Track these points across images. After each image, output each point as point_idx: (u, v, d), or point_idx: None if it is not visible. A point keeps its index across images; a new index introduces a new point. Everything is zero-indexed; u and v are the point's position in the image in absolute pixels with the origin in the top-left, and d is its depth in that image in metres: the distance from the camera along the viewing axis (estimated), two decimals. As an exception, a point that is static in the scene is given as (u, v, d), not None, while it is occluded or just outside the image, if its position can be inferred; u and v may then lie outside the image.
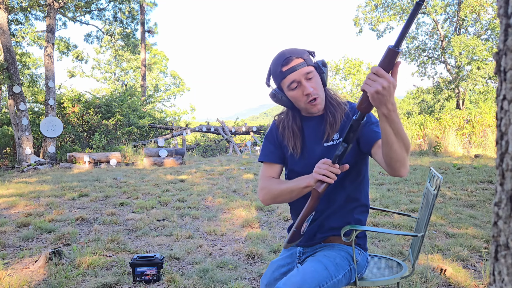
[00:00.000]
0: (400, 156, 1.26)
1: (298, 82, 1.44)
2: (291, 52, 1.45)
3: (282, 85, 1.48)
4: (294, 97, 1.47)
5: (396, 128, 1.21)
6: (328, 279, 1.36)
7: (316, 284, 1.31)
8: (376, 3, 22.20)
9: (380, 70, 1.13)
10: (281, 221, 4.12)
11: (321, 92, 1.48)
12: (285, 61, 1.44)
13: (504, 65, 0.56)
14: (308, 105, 1.47)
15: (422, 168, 7.30)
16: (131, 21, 18.08)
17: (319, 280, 1.32)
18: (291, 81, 1.43)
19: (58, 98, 13.90)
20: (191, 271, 2.76)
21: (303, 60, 1.43)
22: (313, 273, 1.34)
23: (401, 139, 1.23)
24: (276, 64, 1.47)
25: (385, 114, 1.17)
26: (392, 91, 1.14)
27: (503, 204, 0.56)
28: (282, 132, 1.59)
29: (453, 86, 21.06)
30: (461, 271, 2.55)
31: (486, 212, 4.16)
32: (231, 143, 14.95)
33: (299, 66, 1.42)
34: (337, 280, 1.40)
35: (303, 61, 1.43)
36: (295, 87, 1.45)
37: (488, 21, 20.22)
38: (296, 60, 1.43)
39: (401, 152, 1.25)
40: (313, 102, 1.46)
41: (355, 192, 1.55)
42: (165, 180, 7.16)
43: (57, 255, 2.92)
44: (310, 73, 1.43)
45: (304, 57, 1.44)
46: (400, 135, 1.23)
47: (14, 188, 6.44)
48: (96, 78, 34.86)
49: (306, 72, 1.42)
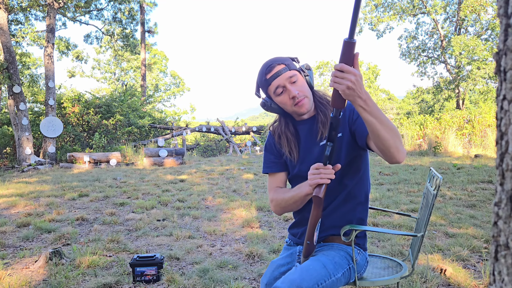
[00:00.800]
0: (390, 142, 1.27)
1: (283, 87, 1.48)
2: (273, 60, 1.51)
3: (269, 92, 1.53)
4: (281, 102, 1.51)
5: (377, 115, 1.23)
6: (327, 277, 1.36)
7: (314, 283, 1.31)
8: (376, 3, 22.19)
9: (344, 66, 1.17)
10: (281, 221, 4.12)
11: (308, 94, 1.51)
12: (268, 69, 1.49)
13: (504, 65, 0.56)
14: (295, 108, 1.51)
15: (422, 168, 7.30)
16: (130, 22, 18.07)
17: (318, 279, 1.33)
18: (276, 86, 1.48)
19: (58, 98, 13.90)
20: (191, 271, 2.76)
21: (284, 65, 1.48)
22: (311, 271, 1.34)
23: (386, 125, 1.25)
24: (261, 74, 1.52)
25: (361, 105, 1.21)
26: (361, 82, 1.18)
27: (503, 204, 0.56)
28: (278, 140, 1.62)
29: (453, 86, 21.07)
30: (461, 271, 2.55)
31: (486, 212, 4.16)
32: (231, 143, 14.95)
33: (281, 72, 1.47)
34: (336, 279, 1.39)
35: (285, 66, 1.48)
36: (280, 92, 1.49)
37: (488, 21, 20.22)
38: (278, 66, 1.48)
39: (390, 138, 1.26)
40: (300, 103, 1.49)
41: (355, 189, 1.56)
42: (165, 180, 7.16)
43: (57, 255, 2.92)
44: (294, 77, 1.47)
45: (286, 62, 1.49)
46: (383, 122, 1.25)
47: (14, 188, 6.44)
48: (96, 78, 34.87)
49: (289, 76, 1.47)
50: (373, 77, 31.91)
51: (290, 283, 1.29)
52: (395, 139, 1.28)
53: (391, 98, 34.22)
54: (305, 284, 1.28)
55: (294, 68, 1.50)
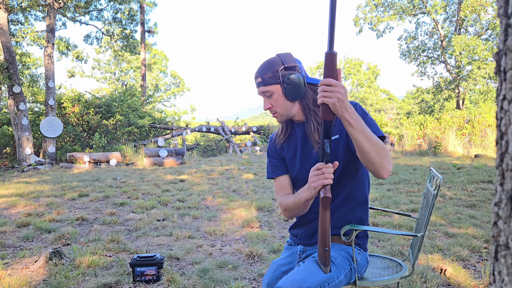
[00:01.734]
0: (374, 157, 1.30)
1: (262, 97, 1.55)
2: (257, 70, 1.53)
3: None
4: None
5: (362, 129, 1.27)
6: (330, 280, 1.36)
7: (317, 284, 1.31)
8: (376, 3, 22.20)
9: (331, 81, 1.22)
10: (281, 221, 4.12)
11: (281, 108, 1.52)
12: (254, 76, 1.54)
13: (504, 65, 0.56)
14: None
15: (422, 168, 7.30)
16: (130, 22, 18.07)
17: (321, 281, 1.33)
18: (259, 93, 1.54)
19: (58, 98, 13.90)
20: (191, 271, 2.76)
21: (261, 80, 1.50)
22: (315, 273, 1.34)
23: (371, 140, 1.29)
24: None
25: (347, 118, 1.25)
26: (346, 95, 1.25)
27: (503, 204, 0.56)
28: (279, 141, 1.64)
29: (453, 86, 21.07)
30: (461, 271, 2.55)
31: (486, 212, 4.16)
32: (231, 143, 14.95)
33: (258, 85, 1.51)
34: (339, 281, 1.40)
35: (261, 80, 1.50)
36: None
37: (488, 21, 20.22)
38: (258, 78, 1.51)
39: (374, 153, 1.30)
40: (273, 116, 1.55)
41: (355, 190, 1.56)
42: (165, 180, 7.16)
43: (57, 255, 2.92)
44: (267, 92, 1.50)
45: (264, 76, 1.49)
46: (368, 137, 1.29)
47: (14, 188, 6.44)
48: (96, 78, 34.88)
49: (261, 91, 1.51)
50: (373, 77, 31.91)
51: (291, 283, 1.29)
52: (380, 154, 1.30)
53: (391, 98, 34.24)
54: (307, 285, 1.28)
55: (272, 82, 1.48)
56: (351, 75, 30.54)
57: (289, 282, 1.30)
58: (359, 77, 29.98)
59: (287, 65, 1.47)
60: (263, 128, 16.52)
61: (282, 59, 1.48)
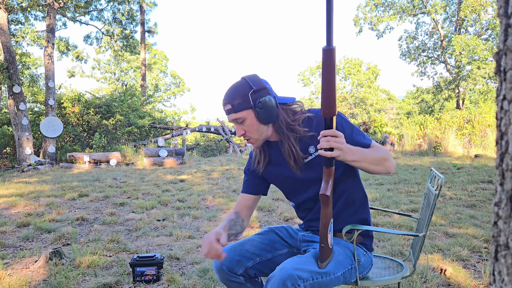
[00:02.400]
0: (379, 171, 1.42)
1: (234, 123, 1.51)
2: (225, 96, 1.48)
3: None
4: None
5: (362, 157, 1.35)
6: (325, 274, 1.34)
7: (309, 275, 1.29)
8: (376, 3, 22.19)
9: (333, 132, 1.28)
10: (281, 221, 4.12)
11: (255, 133, 1.48)
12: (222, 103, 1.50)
13: (504, 65, 0.56)
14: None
15: (422, 168, 7.30)
16: (130, 22, 18.07)
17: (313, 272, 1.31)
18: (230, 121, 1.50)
19: (58, 98, 13.90)
20: (191, 271, 2.76)
21: (230, 106, 1.45)
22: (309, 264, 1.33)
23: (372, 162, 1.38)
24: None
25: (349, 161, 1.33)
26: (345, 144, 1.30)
27: (503, 204, 0.56)
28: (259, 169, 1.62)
29: (453, 86, 21.07)
30: (461, 271, 2.55)
31: (486, 212, 4.16)
32: (231, 143, 14.95)
33: (228, 112, 1.47)
34: (335, 277, 1.38)
35: (231, 107, 1.45)
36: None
37: (488, 21, 20.22)
38: (227, 105, 1.47)
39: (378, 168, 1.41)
40: (248, 141, 1.52)
41: (354, 192, 1.57)
42: (165, 180, 7.16)
43: (57, 255, 2.92)
44: (239, 119, 1.46)
45: (234, 102, 1.44)
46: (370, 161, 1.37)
47: (14, 188, 6.44)
48: (96, 78, 34.88)
49: (233, 119, 1.47)
50: (373, 77, 31.90)
51: (283, 271, 1.27)
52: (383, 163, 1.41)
53: (391, 98, 34.22)
54: (297, 273, 1.26)
55: (243, 108, 1.44)
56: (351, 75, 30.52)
57: (280, 269, 1.29)
58: (359, 77, 29.96)
59: (256, 88, 1.43)
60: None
61: (250, 83, 1.44)
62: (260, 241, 1.63)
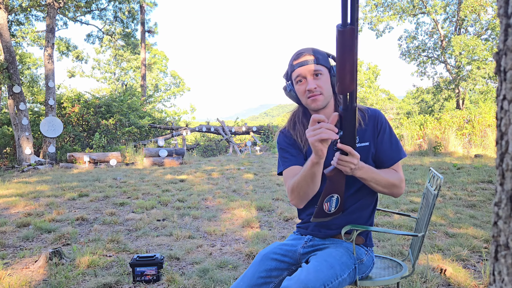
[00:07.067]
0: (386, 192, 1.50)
1: (303, 77, 1.46)
2: (306, 48, 1.49)
3: (292, 78, 1.52)
4: (298, 91, 1.50)
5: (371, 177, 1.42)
6: (333, 278, 1.35)
7: (321, 284, 1.30)
8: (376, 3, 22.19)
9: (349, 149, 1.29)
10: (281, 221, 4.12)
11: (326, 92, 1.47)
12: (297, 56, 1.48)
13: (504, 65, 0.56)
14: (308, 101, 1.48)
15: (422, 168, 7.30)
16: (131, 21, 18.08)
17: (324, 280, 1.31)
18: (297, 74, 1.47)
19: (58, 98, 13.90)
20: (191, 271, 2.76)
21: (314, 57, 1.45)
22: (319, 272, 1.33)
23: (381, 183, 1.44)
24: (291, 58, 1.52)
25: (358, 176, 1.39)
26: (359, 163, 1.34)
27: (503, 204, 0.56)
28: (293, 127, 1.60)
29: (453, 86, 21.06)
30: (461, 271, 2.55)
31: (486, 212, 4.16)
32: (231, 143, 14.95)
33: (307, 62, 1.45)
34: (342, 280, 1.39)
35: (314, 58, 1.45)
36: (300, 81, 1.48)
37: (488, 21, 20.21)
38: (307, 56, 1.45)
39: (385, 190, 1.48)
40: (313, 97, 1.46)
41: (368, 197, 1.59)
42: (165, 180, 7.16)
43: (57, 255, 2.92)
44: (318, 71, 1.44)
45: (317, 55, 1.45)
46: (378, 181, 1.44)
47: (14, 188, 6.44)
48: (96, 78, 34.86)
49: (313, 69, 1.44)
50: (373, 77, 31.91)
51: (297, 283, 1.28)
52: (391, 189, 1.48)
53: (391, 98, 34.21)
54: (311, 284, 1.27)
55: (324, 64, 1.45)
56: (351, 75, 30.47)
57: (295, 281, 1.29)
58: (359, 77, 29.95)
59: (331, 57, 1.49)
60: (263, 128, 16.53)
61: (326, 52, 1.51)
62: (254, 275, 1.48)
